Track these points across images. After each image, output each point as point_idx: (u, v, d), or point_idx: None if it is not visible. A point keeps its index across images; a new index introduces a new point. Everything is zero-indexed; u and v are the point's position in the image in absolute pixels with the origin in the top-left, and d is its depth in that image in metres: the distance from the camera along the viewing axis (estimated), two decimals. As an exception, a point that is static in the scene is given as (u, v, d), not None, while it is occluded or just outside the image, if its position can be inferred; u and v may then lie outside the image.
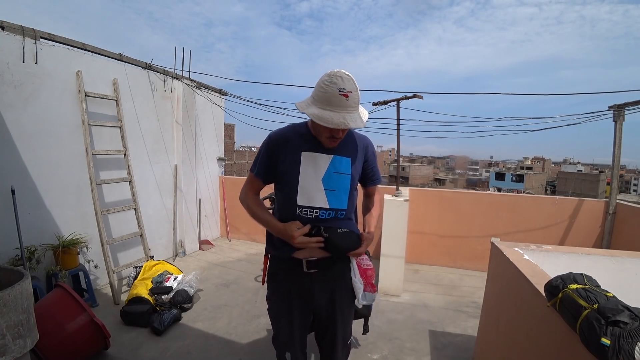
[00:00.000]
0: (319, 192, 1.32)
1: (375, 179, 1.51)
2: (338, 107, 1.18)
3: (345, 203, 1.37)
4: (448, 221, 4.46)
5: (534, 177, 48.07)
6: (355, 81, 1.21)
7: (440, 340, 2.72)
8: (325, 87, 1.18)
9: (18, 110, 2.82)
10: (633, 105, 3.61)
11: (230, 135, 7.38)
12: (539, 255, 1.93)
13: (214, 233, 5.58)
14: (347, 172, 1.36)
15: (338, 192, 1.34)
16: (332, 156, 1.34)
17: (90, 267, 3.37)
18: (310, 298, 1.42)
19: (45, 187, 3.04)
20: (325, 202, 1.33)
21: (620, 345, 0.93)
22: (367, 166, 1.45)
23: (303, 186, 1.32)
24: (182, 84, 4.56)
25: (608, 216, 3.92)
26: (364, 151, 1.42)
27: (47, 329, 2.05)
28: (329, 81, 1.18)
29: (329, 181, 1.33)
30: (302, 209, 1.33)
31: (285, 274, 1.43)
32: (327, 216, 1.34)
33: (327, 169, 1.33)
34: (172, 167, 4.57)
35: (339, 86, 1.17)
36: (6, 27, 2.72)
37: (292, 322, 1.45)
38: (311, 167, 1.32)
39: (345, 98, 1.17)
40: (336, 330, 1.47)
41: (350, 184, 1.37)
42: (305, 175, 1.32)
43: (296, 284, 1.41)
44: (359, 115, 1.23)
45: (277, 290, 1.48)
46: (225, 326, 2.88)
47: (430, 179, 59.72)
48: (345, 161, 1.36)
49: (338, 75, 1.18)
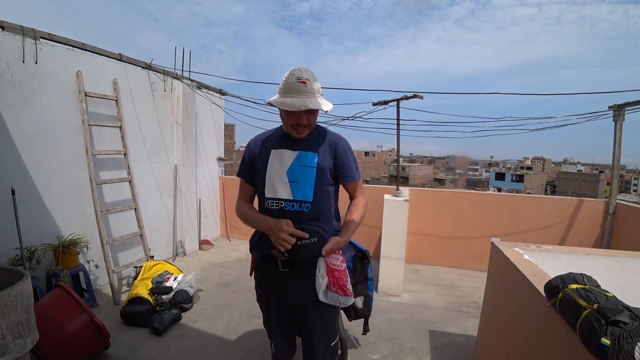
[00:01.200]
0: (283, 184, 1.39)
1: (347, 175, 1.48)
2: (297, 92, 1.29)
3: (311, 195, 1.39)
4: (448, 221, 4.46)
5: (534, 177, 48.06)
6: (314, 74, 1.34)
7: (440, 340, 2.72)
8: (285, 78, 1.33)
9: (18, 110, 2.82)
10: (633, 105, 3.61)
11: (230, 135, 7.38)
12: (539, 255, 1.93)
13: (214, 233, 5.58)
14: (313, 165, 1.40)
15: (302, 184, 1.39)
16: (297, 152, 1.41)
17: (91, 267, 3.38)
18: (284, 296, 1.48)
19: (45, 187, 3.04)
20: (289, 193, 1.38)
21: (620, 345, 0.93)
22: (338, 162, 1.46)
23: (269, 178, 1.40)
24: (182, 84, 4.56)
25: (608, 216, 3.92)
26: (332, 147, 1.45)
27: (47, 328, 2.05)
28: (288, 74, 1.33)
29: (293, 174, 1.39)
30: (268, 201, 1.41)
31: (264, 271, 1.53)
32: (291, 207, 1.38)
33: (292, 163, 1.40)
34: (172, 167, 4.57)
35: (297, 75, 1.30)
36: (6, 27, 2.73)
37: (270, 316, 1.56)
38: (277, 161, 1.41)
39: (304, 85, 1.29)
40: (312, 330, 1.50)
41: (316, 176, 1.40)
42: (271, 169, 1.41)
43: (272, 281, 1.50)
44: (318, 101, 1.32)
45: (258, 285, 1.60)
46: (225, 326, 2.88)
47: (430, 179, 59.73)
48: (311, 155, 1.41)
49: (297, 69, 1.33)
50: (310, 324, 1.50)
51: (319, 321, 1.50)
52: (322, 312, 1.48)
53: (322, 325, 1.51)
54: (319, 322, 1.50)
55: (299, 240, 1.32)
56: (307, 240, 1.33)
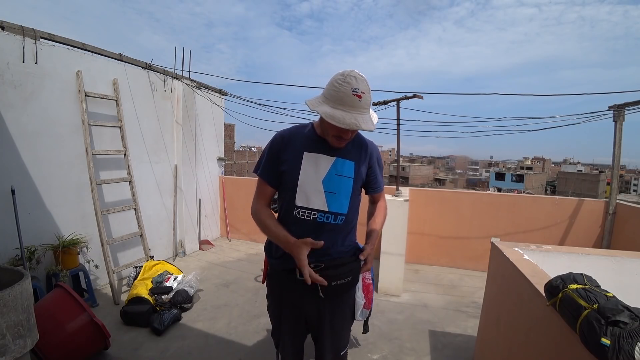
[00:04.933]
0: (318, 193, 1.29)
1: (376, 187, 1.45)
2: (350, 107, 1.15)
3: (346, 207, 1.33)
4: (448, 221, 4.46)
5: (534, 177, 48.06)
6: (368, 83, 1.18)
7: (440, 340, 2.72)
8: (338, 86, 1.15)
9: (18, 110, 2.82)
10: (633, 105, 3.62)
11: (230, 135, 7.37)
12: (539, 255, 1.93)
13: (214, 233, 5.58)
14: (350, 175, 1.32)
15: (338, 195, 1.30)
16: (335, 158, 1.30)
17: (90, 267, 3.38)
18: (300, 306, 1.41)
19: (45, 187, 3.04)
20: (324, 204, 1.29)
21: (620, 345, 0.93)
22: (370, 172, 1.41)
23: (302, 186, 1.28)
24: (182, 84, 4.56)
25: (608, 216, 3.92)
26: (368, 157, 1.38)
27: (47, 328, 2.05)
28: (342, 80, 1.15)
29: (329, 183, 1.29)
30: (299, 209, 1.30)
31: (279, 279, 1.44)
32: (325, 219, 1.30)
33: (328, 171, 1.29)
34: (172, 167, 4.57)
35: (353, 86, 1.14)
36: (6, 27, 2.73)
37: (281, 327, 1.46)
38: (312, 167, 1.29)
39: (359, 99, 1.15)
40: (324, 341, 1.45)
41: (353, 187, 1.33)
42: (305, 176, 1.28)
43: (288, 291, 1.41)
44: (369, 117, 1.19)
45: (272, 292, 1.51)
46: (225, 326, 2.88)
47: (430, 179, 59.71)
48: (349, 164, 1.33)
49: (352, 75, 1.15)
50: (324, 334, 1.44)
51: (332, 331, 1.45)
52: (337, 322, 1.44)
53: (335, 335, 1.47)
54: (333, 331, 1.45)
55: (334, 281, 1.25)
56: (342, 281, 1.27)
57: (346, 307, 1.48)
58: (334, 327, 1.45)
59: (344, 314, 1.48)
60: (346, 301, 1.48)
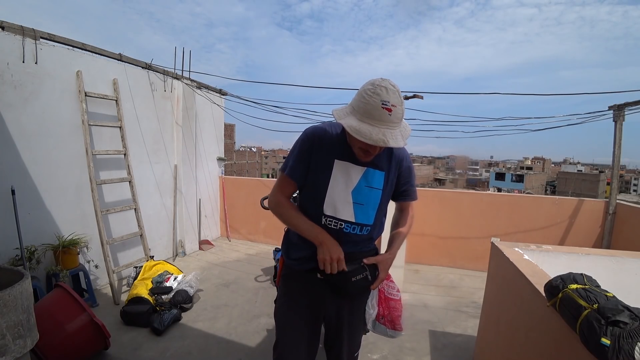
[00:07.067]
0: (347, 204, 1.25)
1: (406, 195, 1.38)
2: (379, 121, 1.05)
3: (372, 219, 1.30)
4: (448, 221, 4.46)
5: (534, 177, 48.07)
6: (400, 94, 1.09)
7: (440, 340, 2.72)
8: (367, 98, 1.06)
9: (18, 110, 2.82)
10: (633, 105, 3.62)
11: (230, 135, 7.37)
12: (539, 255, 1.93)
13: (214, 233, 5.58)
14: (379, 187, 1.29)
15: (366, 207, 1.27)
16: (365, 168, 1.26)
17: (90, 267, 3.37)
18: (321, 305, 1.36)
19: (45, 187, 3.04)
20: (352, 215, 1.26)
21: (620, 345, 0.93)
22: (401, 180, 1.35)
23: (331, 195, 1.24)
24: (182, 84, 4.56)
25: (608, 216, 3.92)
26: (398, 164, 1.32)
27: (47, 329, 2.04)
28: (372, 91, 1.06)
29: (358, 195, 1.26)
30: (328, 218, 1.26)
31: (298, 279, 1.38)
32: (351, 230, 1.28)
33: (358, 182, 1.25)
34: (172, 167, 4.57)
35: (383, 98, 1.04)
36: (6, 27, 2.72)
37: (298, 329, 1.37)
38: (343, 177, 1.24)
39: (389, 112, 1.05)
40: (342, 344, 1.41)
41: (381, 199, 1.30)
42: (335, 185, 1.24)
43: (308, 291, 1.36)
44: (399, 132, 1.10)
45: (287, 293, 1.42)
46: (225, 326, 2.88)
47: (430, 179, 59.71)
48: (379, 175, 1.28)
49: (383, 86, 1.05)
50: (341, 339, 1.40)
51: (349, 336, 1.41)
52: (354, 324, 1.42)
53: (351, 337, 1.43)
54: (349, 336, 1.42)
55: (353, 276, 1.21)
56: (361, 275, 1.23)
57: (362, 307, 1.47)
58: (352, 328, 1.42)
59: (361, 315, 1.46)
60: (364, 301, 1.47)
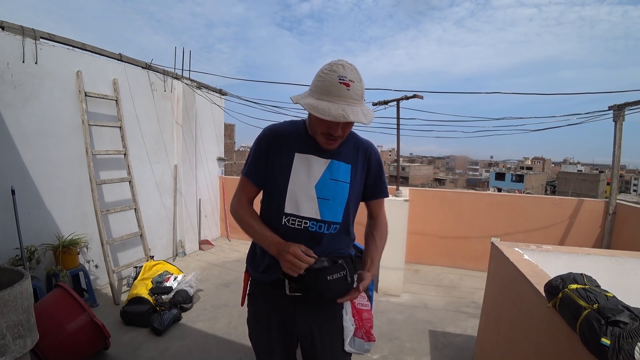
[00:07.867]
0: (311, 200, 1.14)
1: (377, 192, 1.29)
2: (337, 97, 1.00)
3: (340, 216, 1.18)
4: (448, 221, 4.46)
5: (534, 177, 48.07)
6: (359, 72, 1.05)
7: (440, 340, 2.72)
8: (324, 76, 1.03)
9: (18, 110, 2.82)
10: (633, 105, 3.62)
11: (230, 135, 7.36)
12: (539, 255, 1.93)
13: (214, 233, 5.58)
14: (346, 180, 1.18)
15: (333, 203, 1.16)
16: (329, 160, 1.16)
17: (90, 267, 3.38)
18: (292, 324, 1.23)
19: (45, 187, 3.04)
20: (316, 212, 1.15)
21: (620, 345, 0.92)
22: (370, 176, 1.25)
23: (293, 191, 1.14)
24: (182, 84, 4.56)
25: (608, 216, 3.92)
26: (365, 157, 1.23)
27: (47, 329, 2.05)
28: (328, 69, 1.03)
29: (323, 188, 1.15)
30: (289, 217, 1.15)
31: (265, 296, 1.25)
32: (318, 229, 1.15)
33: (322, 175, 1.15)
34: (172, 167, 4.57)
35: (339, 74, 1.01)
36: (6, 27, 2.72)
37: (272, 353, 1.26)
38: (304, 170, 1.15)
39: (347, 87, 1.00)
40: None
41: (349, 194, 1.19)
42: (296, 179, 1.14)
43: (277, 308, 1.23)
44: (361, 109, 1.03)
45: (254, 316, 1.30)
46: (225, 326, 2.88)
47: (430, 179, 59.74)
48: (345, 167, 1.18)
49: (339, 64, 1.03)
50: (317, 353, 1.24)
51: (330, 354, 1.25)
52: (335, 344, 1.25)
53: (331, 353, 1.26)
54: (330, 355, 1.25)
55: (329, 274, 1.07)
56: (338, 275, 1.08)
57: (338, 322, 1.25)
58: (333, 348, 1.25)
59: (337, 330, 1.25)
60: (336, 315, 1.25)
